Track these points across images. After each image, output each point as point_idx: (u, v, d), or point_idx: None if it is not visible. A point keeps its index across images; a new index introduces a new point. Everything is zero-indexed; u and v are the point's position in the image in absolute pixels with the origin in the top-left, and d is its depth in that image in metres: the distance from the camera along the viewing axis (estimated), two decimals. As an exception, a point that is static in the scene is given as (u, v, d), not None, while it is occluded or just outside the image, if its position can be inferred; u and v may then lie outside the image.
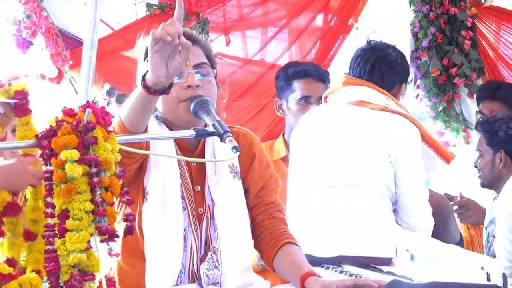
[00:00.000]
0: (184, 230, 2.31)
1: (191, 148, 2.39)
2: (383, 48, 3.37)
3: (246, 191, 2.42)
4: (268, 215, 2.41)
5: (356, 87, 3.26)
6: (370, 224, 2.98)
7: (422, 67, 4.97)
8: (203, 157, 2.38)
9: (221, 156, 2.36)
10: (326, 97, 3.38)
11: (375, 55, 3.31)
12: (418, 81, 5.01)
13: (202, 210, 2.36)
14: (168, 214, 2.29)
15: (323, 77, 3.83)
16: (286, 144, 3.77)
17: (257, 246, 2.44)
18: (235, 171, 2.40)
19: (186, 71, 2.31)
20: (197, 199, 2.36)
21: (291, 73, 3.80)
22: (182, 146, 2.38)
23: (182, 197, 2.33)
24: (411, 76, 4.94)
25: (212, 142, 2.39)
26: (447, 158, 3.25)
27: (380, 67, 3.29)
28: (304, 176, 3.20)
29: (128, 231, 1.77)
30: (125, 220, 1.79)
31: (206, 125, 2.29)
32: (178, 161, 2.35)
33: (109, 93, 4.26)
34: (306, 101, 3.74)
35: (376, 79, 3.28)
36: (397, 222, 3.15)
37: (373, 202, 3.05)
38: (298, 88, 3.76)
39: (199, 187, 2.37)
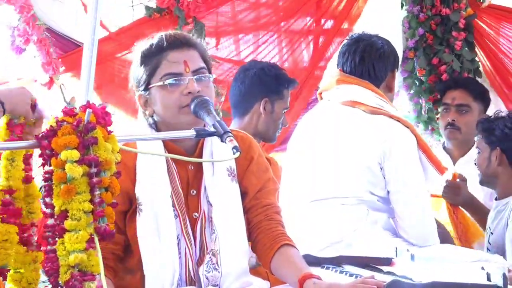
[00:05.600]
0: (177, 238, 2.30)
1: (187, 154, 2.37)
2: (368, 37, 3.33)
3: (243, 193, 2.41)
4: (265, 216, 2.40)
5: (350, 86, 3.24)
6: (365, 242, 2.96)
7: (408, 66, 4.99)
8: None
9: (219, 158, 2.35)
10: (321, 93, 3.38)
11: (362, 46, 3.28)
12: (404, 81, 5.03)
13: (196, 214, 2.35)
14: (160, 225, 2.28)
15: None
16: None
17: (254, 248, 2.43)
18: (232, 174, 2.39)
19: (186, 78, 2.31)
20: (192, 204, 2.35)
21: (284, 81, 3.74)
22: (176, 152, 2.33)
23: (173, 205, 2.32)
24: (400, 78, 4.98)
25: (210, 145, 2.39)
26: (440, 167, 3.16)
27: (369, 56, 3.26)
28: (294, 186, 3.19)
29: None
30: None
31: (205, 126, 2.29)
32: (168, 169, 2.34)
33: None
34: (285, 111, 3.76)
35: (368, 70, 3.25)
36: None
37: (365, 214, 3.04)
38: (287, 98, 3.73)
39: (195, 191, 2.37)
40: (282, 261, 2.33)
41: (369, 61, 3.25)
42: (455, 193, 3.82)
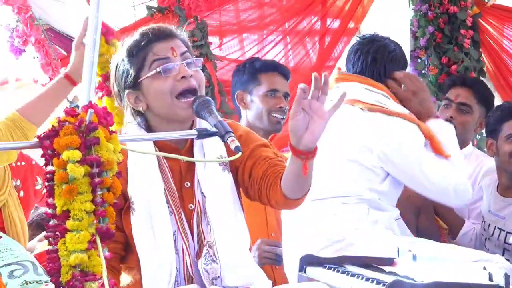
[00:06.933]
0: (174, 235, 2.30)
1: (177, 146, 2.36)
2: (381, 39, 3.36)
3: (240, 167, 2.36)
4: (269, 164, 2.32)
5: (349, 83, 3.25)
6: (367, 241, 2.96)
7: (419, 66, 4.99)
8: (192, 152, 2.36)
9: (209, 150, 2.34)
10: None
11: (375, 47, 3.30)
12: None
13: (192, 206, 2.33)
14: (155, 223, 2.28)
15: (287, 74, 3.84)
16: None
17: (268, 196, 2.31)
18: (224, 164, 2.37)
19: (176, 63, 2.31)
20: (187, 196, 2.34)
21: (258, 66, 3.78)
22: (167, 148, 2.34)
23: (167, 202, 2.31)
24: None
25: None
26: (443, 155, 3.14)
27: (381, 58, 3.28)
28: None
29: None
30: None
31: (193, 122, 2.32)
32: (159, 165, 2.33)
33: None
34: (273, 94, 3.74)
35: (379, 71, 3.27)
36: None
37: (366, 213, 3.05)
38: (265, 81, 3.75)
39: (189, 183, 2.36)
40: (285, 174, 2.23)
41: (381, 63, 3.28)
42: None
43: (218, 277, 2.28)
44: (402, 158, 3.07)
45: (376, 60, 3.28)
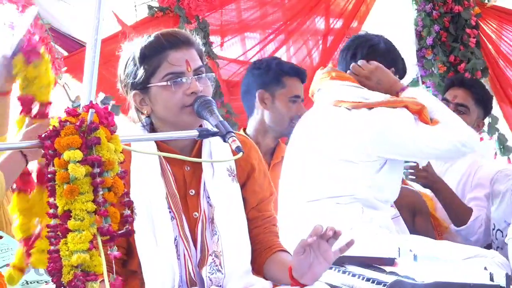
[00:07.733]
0: (175, 240, 2.30)
1: (181, 154, 2.32)
2: (365, 36, 3.40)
3: (244, 199, 2.40)
4: (264, 229, 2.41)
5: (332, 83, 3.25)
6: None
7: (427, 65, 4.99)
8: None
9: (218, 158, 2.35)
10: (313, 95, 3.40)
11: (356, 43, 3.34)
12: (426, 80, 5.04)
13: (197, 214, 2.34)
14: (157, 228, 2.28)
15: (305, 80, 3.83)
16: None
17: (254, 256, 2.41)
18: (232, 174, 2.38)
19: (188, 77, 2.31)
20: (191, 204, 2.34)
21: (285, 69, 3.76)
22: (171, 153, 2.31)
23: (169, 207, 2.31)
24: (417, 75, 4.99)
25: (208, 145, 2.37)
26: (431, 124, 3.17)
27: (361, 52, 3.30)
28: (291, 187, 3.22)
29: (127, 233, 1.75)
30: (124, 222, 1.77)
31: (201, 126, 2.31)
32: (162, 170, 2.33)
33: (104, 102, 4.26)
34: (295, 101, 3.73)
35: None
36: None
37: (360, 212, 3.05)
38: (290, 85, 3.73)
39: (193, 191, 2.35)
40: (275, 263, 2.35)
41: (360, 57, 3.29)
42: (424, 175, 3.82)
43: (220, 285, 2.29)
44: (402, 144, 3.10)
45: (356, 55, 3.30)
